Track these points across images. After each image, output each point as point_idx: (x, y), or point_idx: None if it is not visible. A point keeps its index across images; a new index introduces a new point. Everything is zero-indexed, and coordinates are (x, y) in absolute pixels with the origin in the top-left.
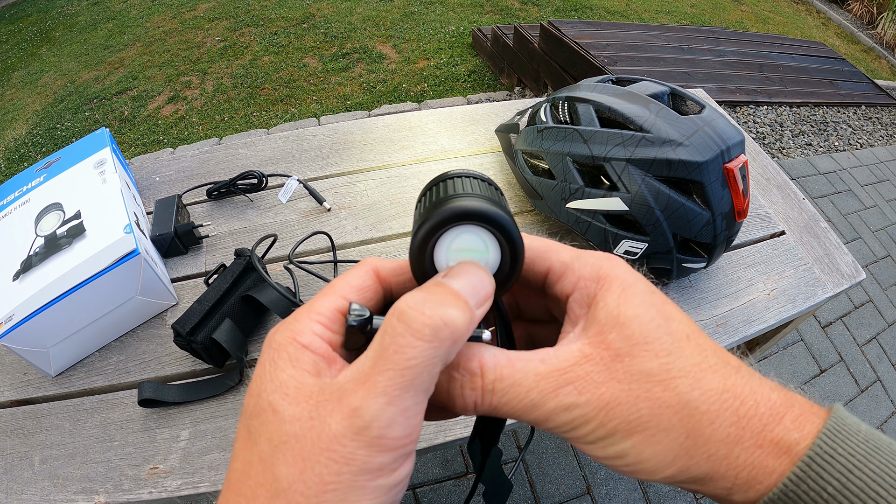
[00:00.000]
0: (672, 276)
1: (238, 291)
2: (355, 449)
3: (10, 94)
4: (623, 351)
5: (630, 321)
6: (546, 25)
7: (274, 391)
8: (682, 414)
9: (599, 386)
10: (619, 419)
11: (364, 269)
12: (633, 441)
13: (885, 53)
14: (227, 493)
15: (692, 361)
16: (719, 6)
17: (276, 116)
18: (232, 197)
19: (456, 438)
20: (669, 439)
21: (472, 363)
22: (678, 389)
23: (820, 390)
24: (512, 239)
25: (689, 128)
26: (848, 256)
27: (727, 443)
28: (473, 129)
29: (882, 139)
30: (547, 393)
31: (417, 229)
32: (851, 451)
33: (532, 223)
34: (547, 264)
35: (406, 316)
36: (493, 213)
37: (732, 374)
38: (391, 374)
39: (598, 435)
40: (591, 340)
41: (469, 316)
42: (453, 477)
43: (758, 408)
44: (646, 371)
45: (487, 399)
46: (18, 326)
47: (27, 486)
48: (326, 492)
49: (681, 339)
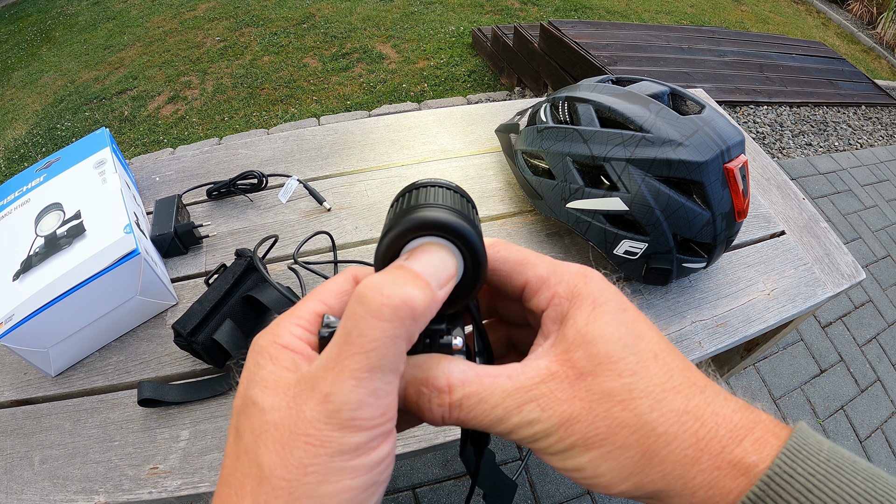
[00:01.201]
0: (672, 276)
1: (239, 292)
2: (329, 431)
3: (10, 94)
4: (587, 370)
5: (596, 340)
6: (546, 25)
7: (255, 386)
8: (639, 434)
9: (561, 403)
10: (578, 435)
11: (344, 275)
12: (591, 456)
13: (885, 53)
14: (220, 487)
15: (656, 381)
16: (719, 6)
17: (276, 116)
18: (232, 197)
19: (456, 438)
20: (625, 457)
21: (439, 381)
22: (637, 410)
23: (820, 390)
24: (475, 251)
25: (689, 128)
26: (848, 256)
27: (683, 464)
28: (473, 129)
29: (882, 139)
30: (511, 409)
31: (383, 237)
32: (811, 471)
33: (532, 223)
34: (524, 278)
35: (366, 298)
36: (457, 225)
37: (696, 395)
38: (356, 357)
39: (558, 448)
40: (557, 358)
41: (429, 295)
42: (453, 477)
43: (718, 430)
44: (607, 391)
45: (455, 413)
46: (18, 326)
47: (27, 486)
48: (307, 474)
49: (647, 358)
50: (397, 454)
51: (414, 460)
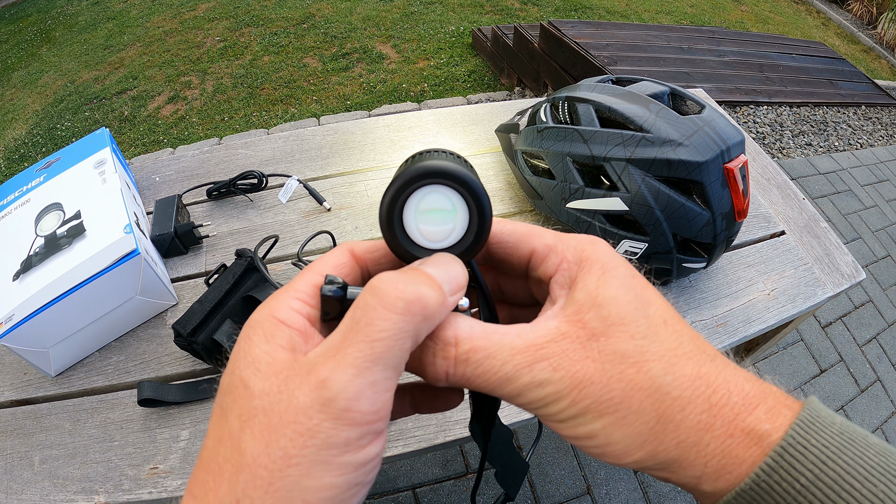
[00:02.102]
0: (672, 276)
1: (239, 292)
2: (321, 421)
3: (10, 94)
4: (599, 331)
5: (607, 302)
6: (546, 25)
7: (246, 367)
8: (653, 397)
9: (574, 363)
10: (591, 398)
11: (340, 249)
12: (604, 422)
13: (885, 53)
14: (197, 470)
15: (667, 346)
16: (719, 6)
17: (276, 116)
18: (232, 197)
19: (456, 438)
20: (640, 422)
21: (446, 332)
22: (651, 372)
23: (820, 390)
24: (478, 197)
25: (689, 128)
26: (848, 256)
27: (697, 430)
28: (473, 129)
29: (882, 139)
30: (521, 367)
31: (388, 188)
32: (825, 443)
33: (532, 223)
34: (531, 247)
35: (379, 290)
36: (459, 170)
37: (707, 362)
38: (361, 345)
39: (569, 413)
40: (568, 319)
41: (442, 297)
42: (453, 477)
43: (730, 396)
44: (620, 351)
45: (460, 369)
46: (18, 326)
47: (27, 486)
48: (290, 465)
49: (657, 323)
50: (397, 454)
51: (414, 460)
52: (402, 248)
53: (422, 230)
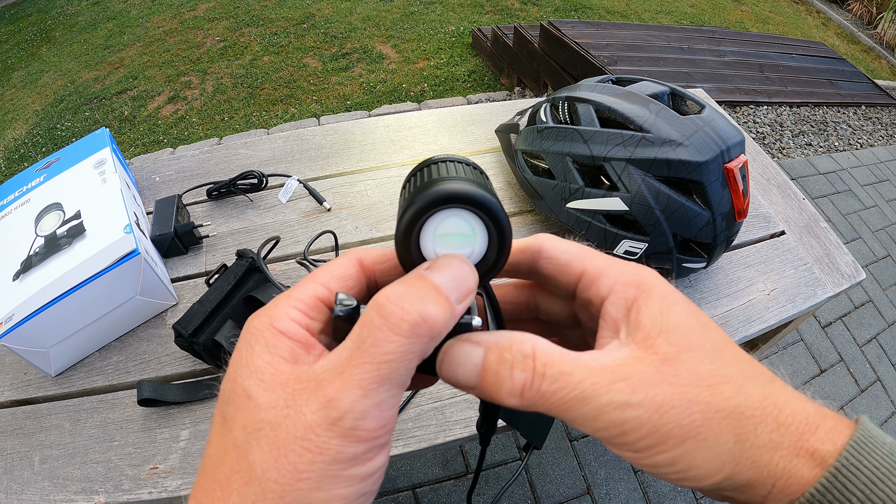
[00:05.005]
0: (672, 277)
1: (240, 293)
2: (329, 439)
3: (10, 94)
4: (671, 356)
5: (674, 328)
6: (546, 25)
7: (249, 377)
8: (730, 419)
9: (652, 387)
10: (672, 423)
11: (347, 258)
12: (686, 447)
13: (885, 53)
14: (202, 478)
15: (734, 369)
16: (719, 6)
17: (276, 116)
18: (232, 197)
19: (456, 438)
20: (719, 445)
21: (525, 345)
22: (725, 394)
23: (820, 390)
24: (499, 221)
25: (689, 128)
26: (848, 256)
27: (769, 448)
28: (473, 129)
29: (882, 139)
30: (599, 386)
31: (402, 214)
32: (876, 464)
33: (532, 223)
34: (582, 267)
35: (385, 310)
36: (479, 195)
37: (769, 384)
38: (367, 367)
39: (650, 442)
40: (639, 344)
41: (448, 311)
42: (453, 477)
43: (795, 416)
44: (695, 375)
45: (537, 384)
46: (18, 326)
47: (27, 486)
48: (300, 479)
49: (721, 347)
50: (397, 454)
51: (414, 460)
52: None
53: (439, 253)
